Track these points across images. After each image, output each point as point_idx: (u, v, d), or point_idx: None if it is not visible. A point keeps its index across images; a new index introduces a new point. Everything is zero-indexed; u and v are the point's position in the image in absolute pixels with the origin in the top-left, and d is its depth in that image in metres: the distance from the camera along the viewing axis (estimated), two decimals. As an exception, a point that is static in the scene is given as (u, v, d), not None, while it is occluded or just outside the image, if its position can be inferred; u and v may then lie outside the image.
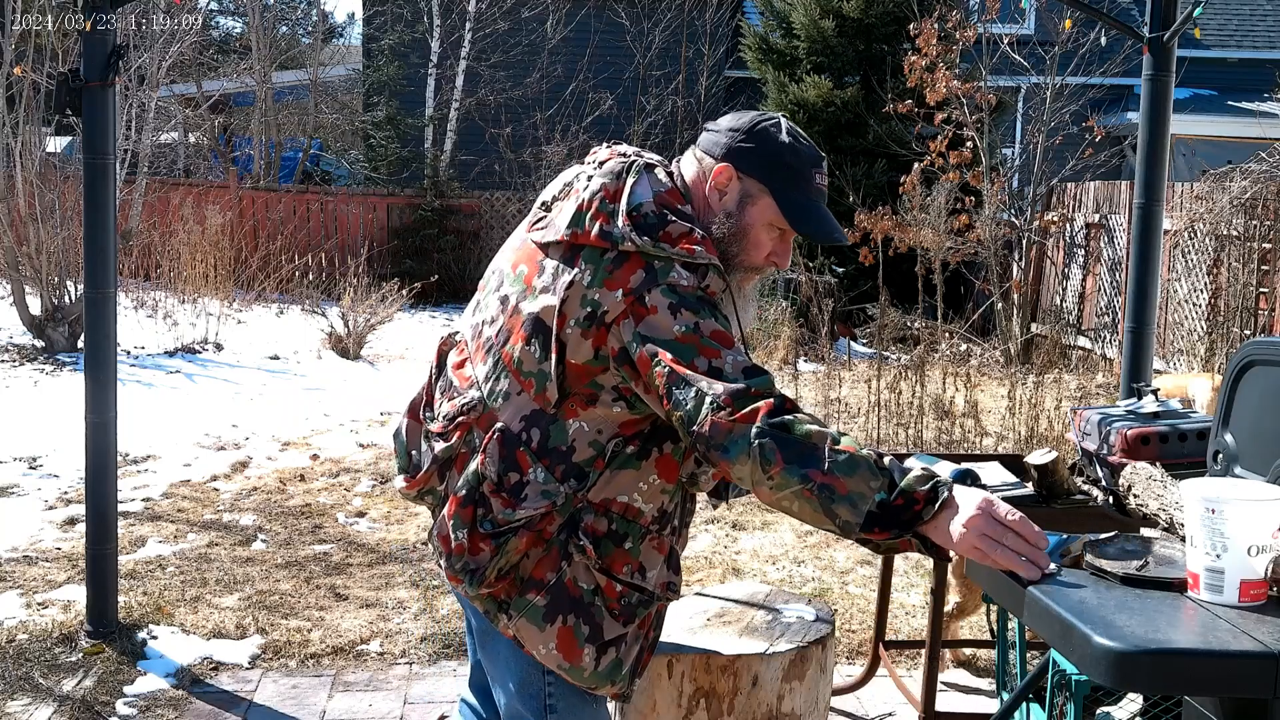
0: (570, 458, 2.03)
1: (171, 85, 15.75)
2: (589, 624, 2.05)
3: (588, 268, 2.00)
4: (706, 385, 1.88)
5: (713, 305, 1.98)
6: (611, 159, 2.14)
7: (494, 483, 2.03)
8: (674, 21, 17.89)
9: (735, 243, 2.09)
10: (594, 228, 2.02)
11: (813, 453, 1.83)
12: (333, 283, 12.89)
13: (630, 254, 1.99)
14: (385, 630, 4.40)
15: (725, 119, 2.16)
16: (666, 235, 2.00)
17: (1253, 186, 8.88)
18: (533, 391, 2.04)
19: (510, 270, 2.15)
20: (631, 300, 1.96)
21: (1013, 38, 11.85)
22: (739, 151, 2.09)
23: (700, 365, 1.91)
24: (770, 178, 2.09)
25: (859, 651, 4.31)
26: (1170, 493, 2.35)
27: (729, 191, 2.09)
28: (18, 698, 3.79)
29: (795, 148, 2.11)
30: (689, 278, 1.98)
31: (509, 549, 2.03)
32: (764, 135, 2.10)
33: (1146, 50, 4.45)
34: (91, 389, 4.17)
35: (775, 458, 1.83)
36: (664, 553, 2.11)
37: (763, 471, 1.84)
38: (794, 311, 11.22)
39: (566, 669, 2.06)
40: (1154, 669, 1.73)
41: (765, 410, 1.86)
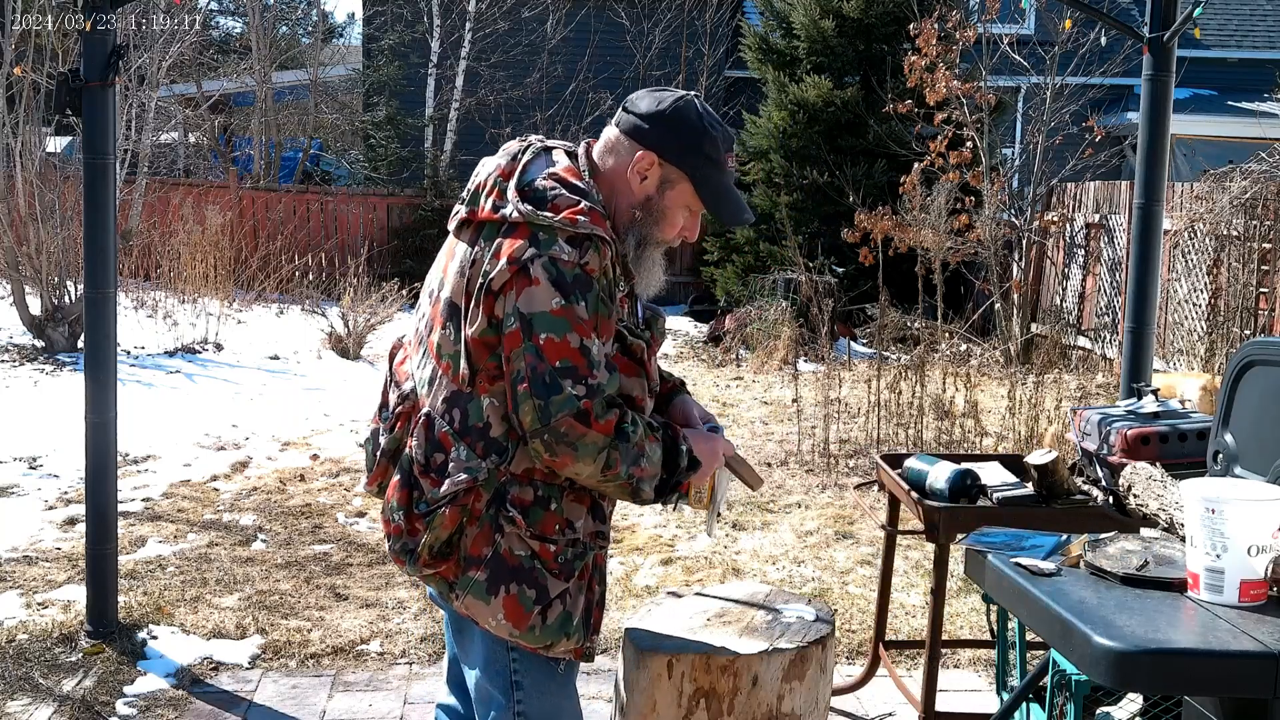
0: (488, 434, 2.14)
1: (171, 85, 15.76)
2: (534, 587, 2.16)
3: (486, 244, 2.13)
4: (570, 385, 2.05)
5: (588, 284, 2.09)
6: (512, 144, 2.28)
7: (421, 465, 2.16)
8: (674, 21, 17.89)
9: (653, 223, 2.24)
10: (488, 204, 2.16)
11: (639, 454, 2.12)
12: (333, 283, 12.90)
13: (518, 224, 2.11)
14: (385, 630, 4.40)
15: (644, 100, 2.25)
16: (553, 206, 2.11)
17: (1253, 186, 8.88)
18: (450, 373, 2.16)
19: (437, 265, 2.29)
20: (515, 269, 2.07)
21: (1013, 38, 11.85)
22: (663, 141, 2.20)
23: (573, 342, 2.05)
24: (690, 166, 2.21)
25: (859, 651, 4.31)
26: (1170, 493, 2.35)
27: (650, 176, 2.22)
28: (18, 698, 3.79)
29: (712, 136, 2.22)
30: (570, 253, 2.08)
31: (436, 525, 2.14)
32: (685, 123, 2.21)
33: (1146, 50, 4.45)
34: (91, 389, 4.17)
35: (615, 463, 2.09)
36: (586, 505, 2.23)
37: (601, 473, 2.10)
38: (794, 311, 11.21)
39: (519, 635, 2.17)
40: (1154, 669, 1.74)
41: (616, 420, 2.09)
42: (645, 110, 2.23)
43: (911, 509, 3.32)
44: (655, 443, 2.16)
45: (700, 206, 2.26)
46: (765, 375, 10.47)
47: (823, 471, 6.92)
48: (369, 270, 12.82)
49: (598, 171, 2.24)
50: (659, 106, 2.22)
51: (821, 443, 7.25)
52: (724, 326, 12.04)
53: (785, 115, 13.32)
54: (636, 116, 2.23)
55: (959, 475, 3.25)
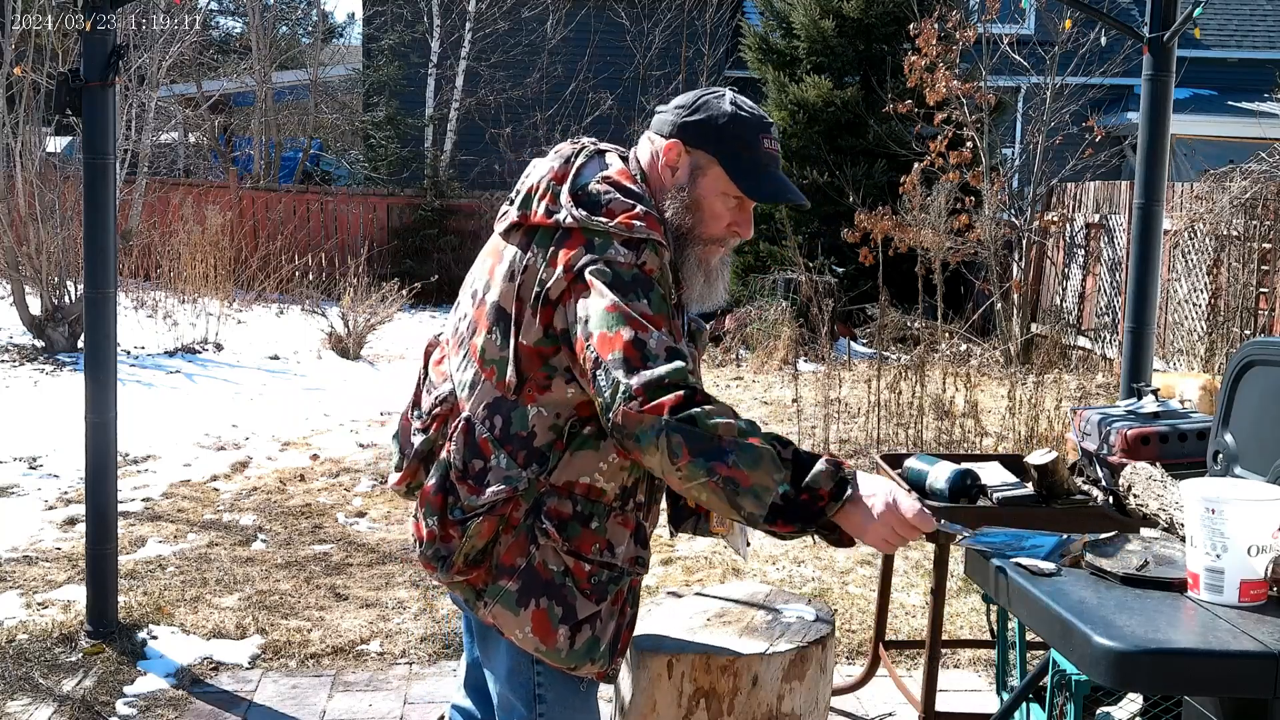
0: (531, 443, 2.08)
1: (171, 85, 15.76)
2: (561, 605, 2.09)
3: (539, 250, 2.07)
4: (622, 375, 1.92)
5: (648, 284, 2.01)
6: (565, 146, 2.21)
7: (459, 470, 2.09)
8: (674, 21, 17.89)
9: (691, 215, 2.14)
10: (540, 208, 2.10)
11: (718, 446, 1.88)
12: (333, 283, 12.90)
13: (572, 230, 2.05)
14: (385, 630, 4.40)
15: (675, 98, 2.21)
16: (608, 211, 2.05)
17: (1253, 186, 8.88)
18: (494, 379, 2.10)
19: (481, 265, 2.23)
20: (571, 278, 2.01)
21: (1013, 38, 11.85)
22: (684, 126, 2.14)
23: (626, 335, 1.94)
24: (717, 148, 2.13)
25: (859, 651, 4.31)
26: (1170, 493, 2.35)
27: (679, 166, 2.14)
28: (18, 698, 3.79)
29: (739, 115, 2.15)
30: (626, 255, 2.02)
31: (472, 533, 2.08)
32: (707, 107, 2.15)
33: (1146, 50, 4.45)
34: (91, 389, 4.17)
35: (682, 451, 1.88)
36: (630, 529, 2.14)
37: (671, 463, 1.89)
38: (794, 311, 11.21)
39: (544, 652, 2.10)
40: (1154, 669, 1.74)
41: (673, 403, 1.89)
42: (673, 104, 2.19)
43: (911, 509, 3.31)
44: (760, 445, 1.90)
45: (737, 192, 2.14)
46: (765, 375, 10.47)
47: (823, 471, 6.91)
48: (369, 270, 12.82)
49: (647, 175, 2.18)
50: (685, 99, 2.18)
51: (821, 443, 7.25)
52: (724, 326, 12.04)
53: (785, 115, 13.32)
54: (663, 111, 2.20)
55: (959, 475, 3.25)
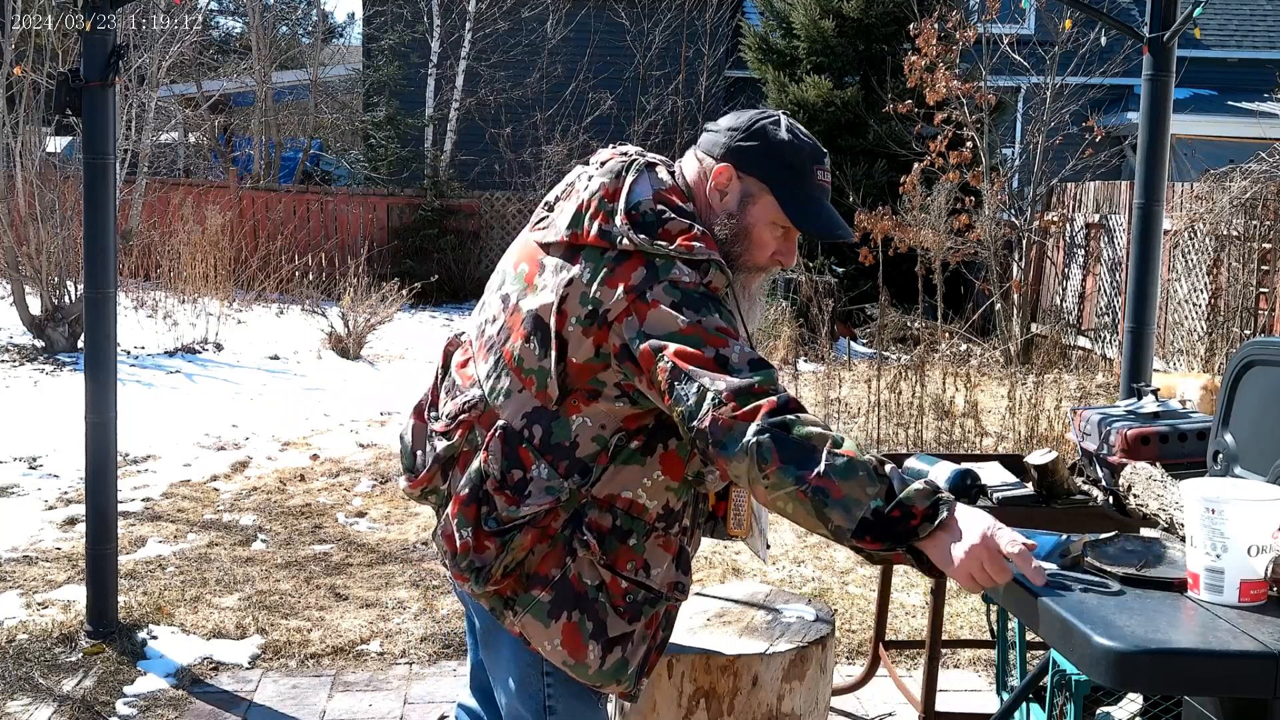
0: (574, 453, 2.02)
1: (171, 85, 15.75)
2: (593, 620, 2.04)
3: (588, 266, 2.00)
4: (709, 381, 1.87)
5: (717, 301, 1.97)
6: (612, 159, 2.13)
7: (497, 480, 2.03)
8: (674, 21, 17.89)
9: (738, 243, 2.09)
10: (593, 227, 2.03)
11: (810, 454, 1.81)
12: (333, 283, 12.89)
13: (630, 252, 1.99)
14: (385, 630, 4.40)
15: (725, 119, 2.15)
16: (665, 233, 2.00)
17: (1253, 186, 8.88)
18: (534, 389, 2.03)
19: (512, 269, 2.16)
20: (633, 298, 1.96)
21: (1013, 38, 11.84)
22: (738, 150, 2.09)
23: (708, 354, 1.90)
24: (770, 176, 2.08)
25: (859, 651, 4.31)
26: (1170, 493, 2.35)
27: (729, 191, 2.09)
28: (18, 698, 3.79)
29: (795, 145, 2.11)
30: (691, 274, 1.97)
31: (514, 545, 2.02)
32: (763, 133, 2.10)
33: (1146, 50, 4.45)
34: (91, 389, 4.17)
35: (772, 457, 1.82)
36: (671, 552, 2.09)
37: (759, 470, 1.82)
38: (794, 311, 11.21)
39: (572, 665, 2.05)
40: (1154, 669, 1.73)
41: (767, 409, 1.84)
42: (724, 125, 2.14)
43: (911, 509, 3.31)
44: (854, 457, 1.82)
45: (787, 222, 2.09)
46: (765, 375, 10.45)
47: (823, 471, 6.91)
48: (369, 270, 12.81)
49: (693, 193, 2.13)
50: (738, 121, 2.13)
51: (821, 443, 7.24)
52: (724, 326, 12.03)
53: (786, 113, 13.32)
54: (715, 132, 2.14)
55: (959, 475, 3.25)
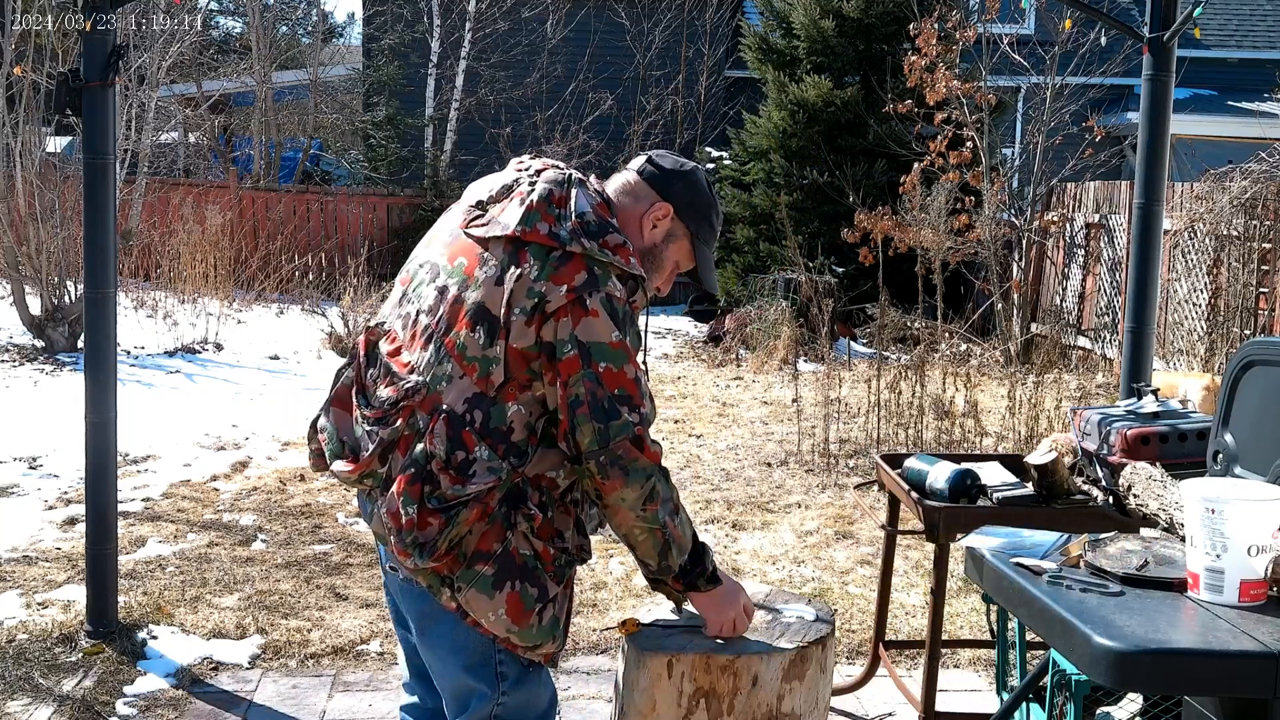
0: (509, 438, 2.22)
1: (171, 85, 15.74)
2: (536, 586, 2.25)
3: (535, 263, 2.20)
4: (628, 412, 2.19)
5: (633, 320, 2.26)
6: (547, 170, 2.35)
7: (442, 461, 2.19)
8: (674, 21, 17.89)
9: (649, 269, 2.38)
10: (543, 227, 2.23)
11: (676, 510, 2.28)
12: (333, 283, 12.90)
13: (575, 255, 2.20)
14: (385, 630, 4.40)
15: (666, 159, 2.44)
16: (606, 243, 2.23)
17: (1253, 186, 8.88)
18: (475, 376, 2.21)
19: (447, 263, 2.31)
20: (573, 298, 2.18)
21: (1013, 38, 11.85)
22: (680, 197, 2.38)
23: (629, 374, 2.20)
24: (696, 227, 2.41)
25: (859, 651, 4.31)
26: (1170, 493, 2.36)
27: (660, 226, 2.38)
28: (18, 698, 3.79)
29: (718, 207, 2.46)
30: (621, 291, 2.23)
31: (459, 520, 2.18)
32: (700, 189, 2.41)
33: (1146, 50, 4.45)
34: (91, 389, 4.17)
35: (657, 498, 2.22)
36: (571, 517, 2.33)
37: (642, 503, 2.22)
38: (794, 311, 11.21)
39: (515, 632, 2.24)
40: (1154, 669, 1.74)
41: (659, 455, 2.24)
42: (669, 166, 2.41)
43: (911, 509, 3.32)
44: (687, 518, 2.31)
45: (689, 266, 2.43)
46: (765, 375, 10.47)
47: (823, 471, 6.92)
48: (369, 270, 12.82)
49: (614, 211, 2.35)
50: (681, 166, 2.41)
51: (821, 443, 7.25)
52: (724, 326, 12.04)
53: (785, 115, 13.32)
54: (660, 170, 2.40)
55: (959, 475, 3.25)
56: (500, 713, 2.32)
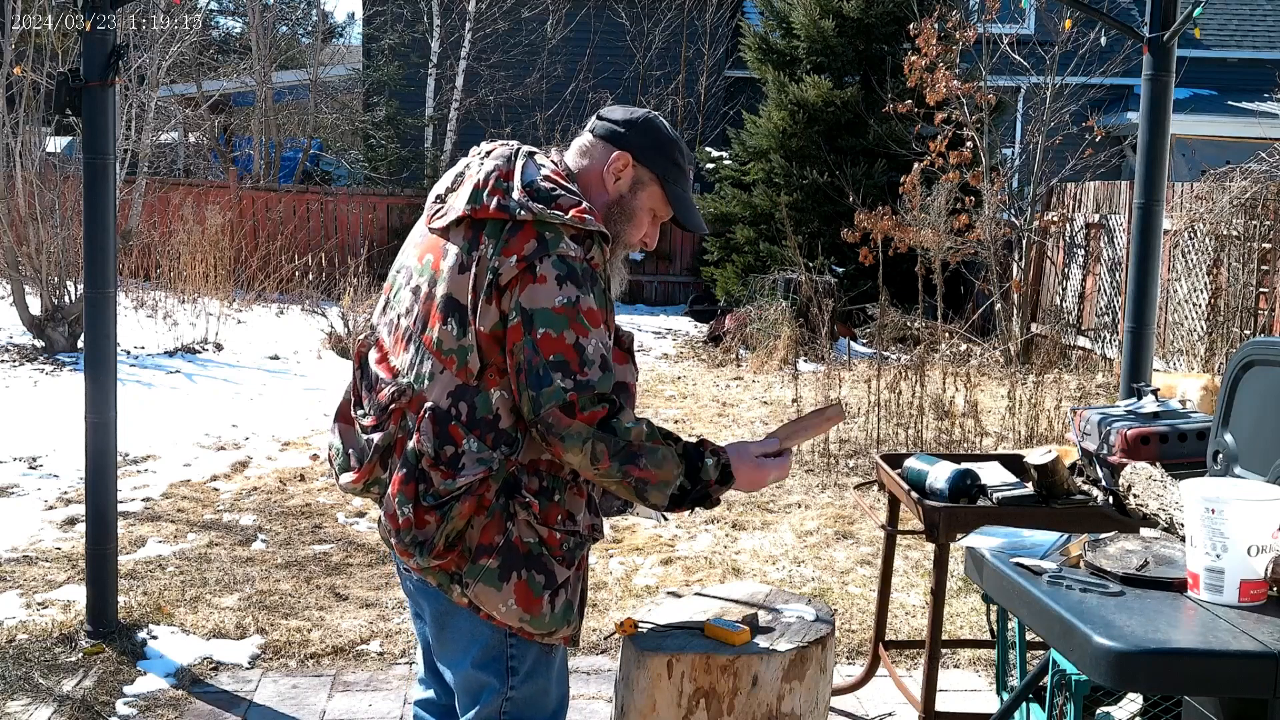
0: (497, 425, 2.21)
1: (171, 85, 15.74)
2: (543, 573, 2.25)
3: (490, 241, 2.20)
4: (560, 378, 2.14)
5: (594, 278, 2.20)
6: (497, 147, 2.36)
7: (431, 457, 2.19)
8: (674, 21, 17.89)
9: (622, 222, 2.35)
10: (491, 202, 2.22)
11: (632, 451, 2.18)
12: (333, 283, 12.89)
13: (525, 223, 2.19)
14: (385, 630, 4.40)
15: (617, 111, 2.40)
16: (559, 205, 2.21)
17: (1253, 186, 8.88)
18: (455, 368, 2.21)
19: (417, 263, 2.33)
20: (523, 267, 2.16)
21: (1013, 38, 11.85)
22: (635, 143, 2.34)
23: (568, 339, 2.15)
24: (661, 169, 2.36)
25: (859, 651, 4.31)
26: (1170, 493, 2.36)
27: (624, 177, 2.34)
28: (18, 698, 3.79)
29: (680, 145, 2.40)
30: (576, 249, 2.19)
31: (454, 515, 2.19)
32: (657, 130, 2.37)
33: (1146, 50, 4.45)
34: (91, 389, 4.17)
35: (603, 456, 2.16)
36: (584, 498, 2.31)
37: (591, 465, 2.17)
38: (794, 311, 11.21)
39: (528, 620, 2.24)
40: (1154, 669, 1.74)
41: (602, 415, 2.16)
42: (620, 117, 2.38)
43: (911, 509, 3.32)
44: (662, 446, 2.19)
45: (666, 211, 2.38)
46: (765, 375, 10.47)
47: (823, 471, 6.92)
48: (369, 270, 12.82)
49: (574, 175, 2.34)
50: (632, 115, 2.38)
51: (821, 443, 7.25)
52: (724, 326, 12.04)
53: (785, 115, 13.32)
54: (611, 122, 2.37)
55: (959, 475, 3.25)
56: (509, 708, 2.33)
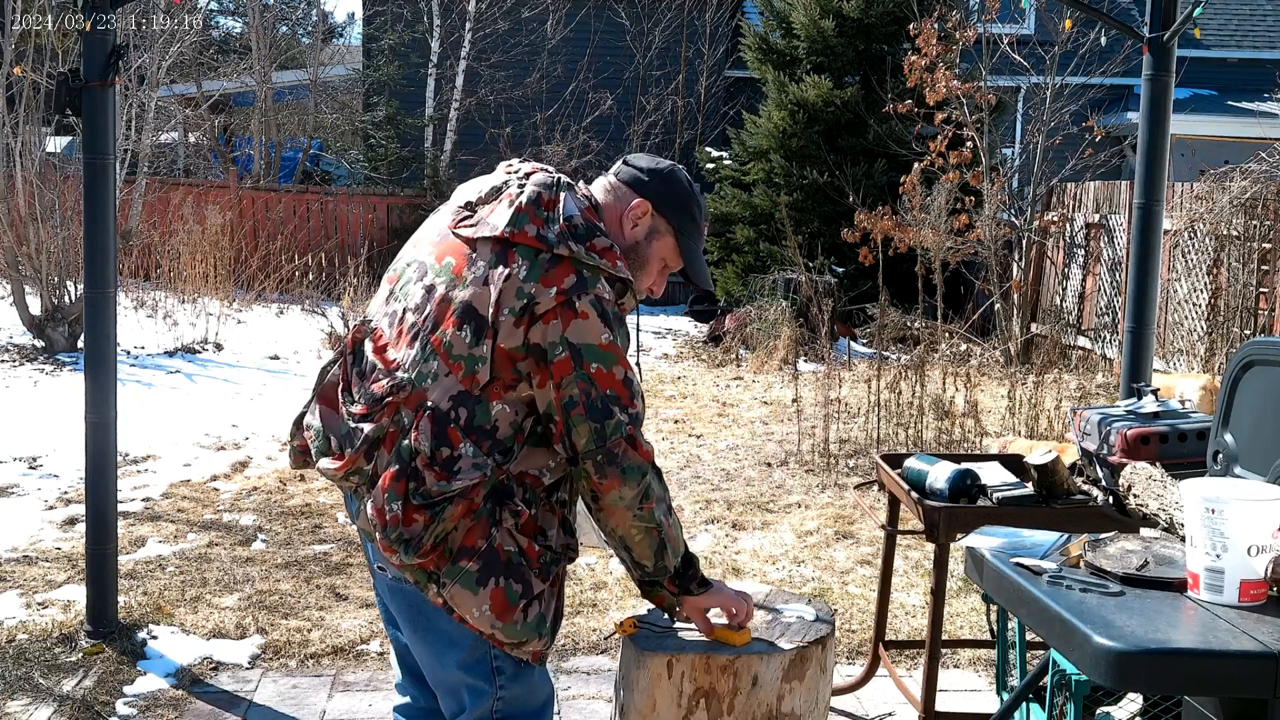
0: (494, 435, 2.24)
1: (171, 85, 15.74)
2: (520, 582, 2.26)
3: (524, 264, 2.22)
4: (619, 410, 2.22)
5: (622, 322, 2.27)
6: (537, 173, 2.37)
7: (427, 457, 2.20)
8: (674, 21, 17.89)
9: (634, 268, 2.39)
10: (531, 230, 2.25)
11: (670, 509, 2.32)
12: (333, 283, 12.90)
13: (564, 258, 2.23)
14: (385, 630, 4.40)
15: (643, 159, 2.46)
16: (593, 246, 2.26)
17: (1253, 186, 8.88)
18: (460, 374, 2.22)
19: (435, 262, 2.33)
20: (562, 300, 2.20)
21: (1013, 38, 11.84)
22: (656, 192, 2.40)
23: (618, 374, 2.23)
24: (678, 221, 2.41)
25: (859, 651, 4.31)
26: (1170, 493, 2.36)
27: (641, 224, 2.40)
28: (18, 698, 3.79)
29: (699, 200, 2.45)
30: (610, 293, 2.25)
31: (445, 517, 2.19)
32: (678, 182, 2.42)
33: (1146, 50, 4.45)
34: (91, 389, 4.17)
35: (652, 496, 2.26)
36: (557, 517, 2.34)
37: (639, 502, 2.26)
38: (794, 311, 11.21)
39: (500, 628, 2.25)
40: (1154, 669, 1.74)
41: (653, 452, 2.28)
42: (644, 166, 2.43)
43: (911, 509, 3.32)
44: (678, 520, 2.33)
45: (676, 263, 2.44)
46: (765, 375, 10.47)
47: (823, 471, 6.92)
48: (369, 270, 12.83)
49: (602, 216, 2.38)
50: (657, 164, 2.43)
51: (821, 443, 7.25)
52: (724, 326, 12.04)
53: (785, 115, 13.32)
54: (636, 169, 2.42)
55: (959, 475, 3.25)
56: (501, 708, 2.32)
